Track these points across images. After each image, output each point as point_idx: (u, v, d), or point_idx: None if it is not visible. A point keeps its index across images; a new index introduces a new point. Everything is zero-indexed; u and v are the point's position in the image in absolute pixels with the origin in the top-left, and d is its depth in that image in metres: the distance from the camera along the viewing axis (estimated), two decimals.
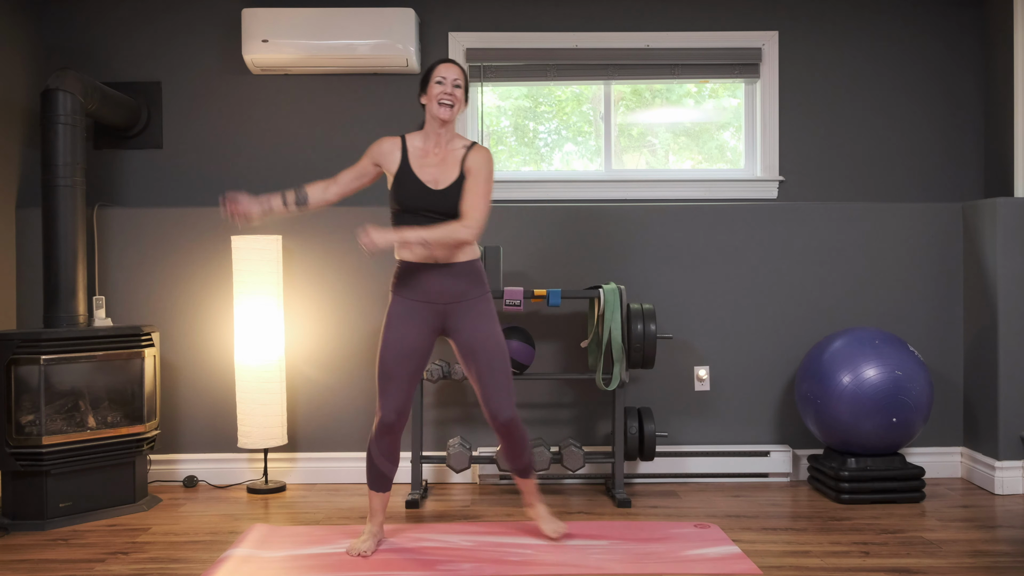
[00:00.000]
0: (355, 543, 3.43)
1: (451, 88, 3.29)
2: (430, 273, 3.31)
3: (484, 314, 3.35)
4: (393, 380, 3.30)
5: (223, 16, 4.71)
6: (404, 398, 3.32)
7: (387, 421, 3.32)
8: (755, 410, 4.58)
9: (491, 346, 3.33)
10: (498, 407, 3.34)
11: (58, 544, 3.61)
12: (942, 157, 4.79)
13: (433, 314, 3.33)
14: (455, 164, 3.32)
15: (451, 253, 3.30)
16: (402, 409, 3.32)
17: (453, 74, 3.31)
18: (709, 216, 4.58)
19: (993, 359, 4.28)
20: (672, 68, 4.77)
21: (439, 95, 3.29)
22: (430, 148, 3.35)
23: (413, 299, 3.32)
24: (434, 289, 3.31)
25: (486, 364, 3.33)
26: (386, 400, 3.31)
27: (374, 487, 3.44)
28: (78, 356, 3.97)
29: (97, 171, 4.68)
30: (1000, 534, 3.64)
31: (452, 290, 3.32)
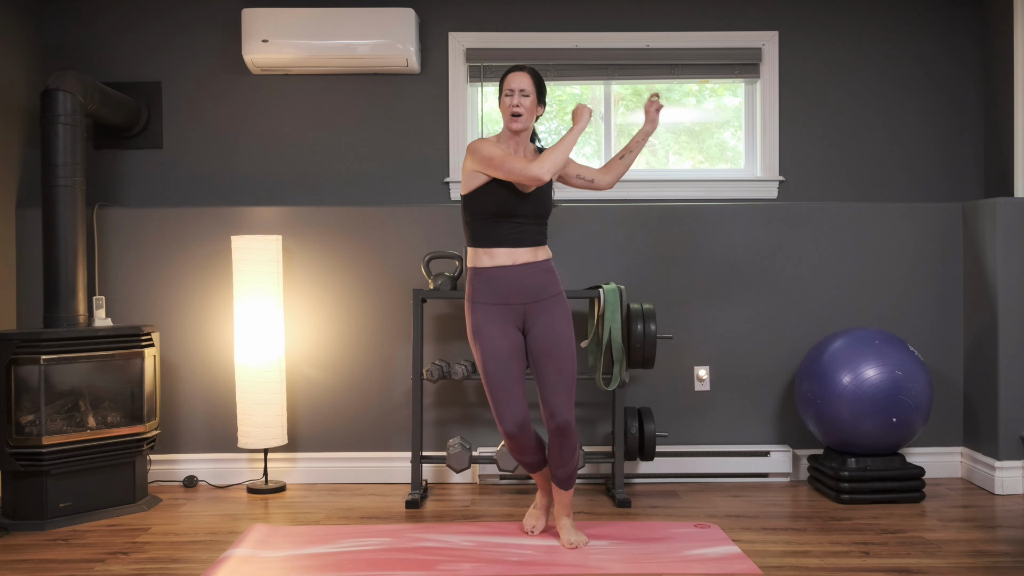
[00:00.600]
0: (526, 520, 3.66)
1: (519, 99, 3.31)
2: (506, 275, 3.33)
3: (559, 314, 3.38)
4: (506, 390, 3.32)
5: (223, 16, 4.71)
6: (520, 402, 3.34)
7: (512, 434, 3.36)
8: (755, 410, 4.58)
9: (562, 348, 3.36)
10: (557, 408, 3.35)
11: (58, 544, 3.61)
12: (942, 157, 4.79)
13: (514, 314, 3.36)
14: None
15: (528, 254, 3.35)
16: (522, 420, 3.34)
17: (521, 84, 3.31)
18: (709, 216, 4.58)
19: (993, 359, 4.28)
20: (672, 68, 4.77)
21: (508, 107, 3.32)
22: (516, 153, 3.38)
23: (495, 304, 3.34)
24: (512, 290, 3.34)
25: (555, 365, 3.35)
26: (503, 412, 3.33)
27: (530, 470, 3.55)
28: (78, 356, 3.97)
29: (97, 171, 4.68)
30: (1000, 534, 3.64)
31: (529, 290, 3.35)
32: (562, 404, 3.35)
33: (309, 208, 4.55)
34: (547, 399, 3.36)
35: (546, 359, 3.35)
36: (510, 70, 3.36)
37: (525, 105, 3.31)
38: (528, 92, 3.31)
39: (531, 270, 3.35)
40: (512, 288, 3.33)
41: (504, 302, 3.34)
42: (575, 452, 3.44)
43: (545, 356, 3.35)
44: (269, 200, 4.70)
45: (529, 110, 3.32)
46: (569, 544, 3.46)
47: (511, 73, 3.34)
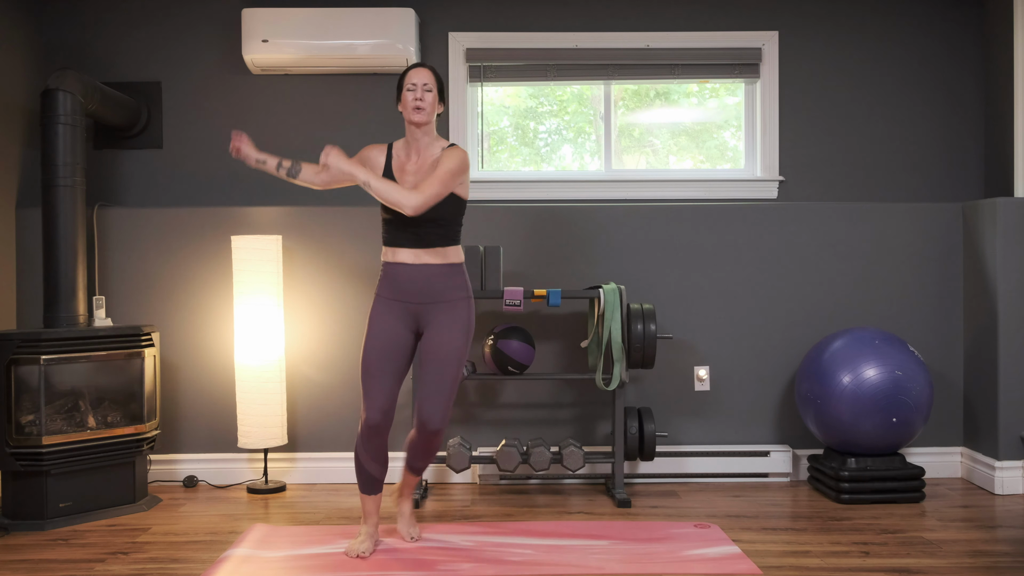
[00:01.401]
0: (353, 544, 3.43)
1: (421, 93, 3.31)
2: (409, 273, 3.33)
3: (453, 319, 3.34)
4: (376, 379, 3.32)
5: (223, 16, 4.71)
6: (389, 397, 3.33)
7: (372, 421, 3.32)
8: (755, 410, 4.58)
9: (446, 352, 3.32)
10: (431, 416, 3.32)
11: (58, 544, 3.61)
12: (942, 157, 4.79)
13: (409, 314, 3.36)
14: (433, 168, 3.33)
15: (431, 255, 3.33)
16: (387, 409, 3.33)
17: (423, 78, 3.32)
18: (709, 216, 4.58)
19: (993, 359, 4.28)
20: (672, 68, 4.77)
21: (411, 101, 3.31)
22: (410, 155, 3.39)
23: (392, 299, 3.36)
24: (411, 289, 3.34)
25: (435, 370, 3.32)
26: (371, 400, 3.32)
27: (365, 490, 3.45)
28: (78, 356, 3.97)
29: (97, 171, 4.68)
30: (1000, 534, 3.64)
31: (428, 291, 3.34)
32: (436, 412, 3.31)
33: (309, 208, 4.55)
34: (423, 405, 3.33)
35: (429, 362, 3.33)
36: (410, 67, 3.37)
37: (428, 100, 3.32)
38: (431, 87, 3.33)
39: (432, 271, 3.33)
40: (410, 287, 3.33)
41: (401, 299, 3.35)
42: (435, 453, 3.50)
43: (428, 359, 3.33)
44: (269, 200, 4.70)
45: (431, 104, 3.33)
46: (409, 536, 3.54)
47: (412, 69, 3.35)
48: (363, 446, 3.38)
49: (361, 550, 3.39)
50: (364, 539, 3.44)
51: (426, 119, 3.33)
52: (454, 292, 3.36)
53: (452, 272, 3.37)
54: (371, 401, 3.32)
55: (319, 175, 3.44)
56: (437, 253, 3.34)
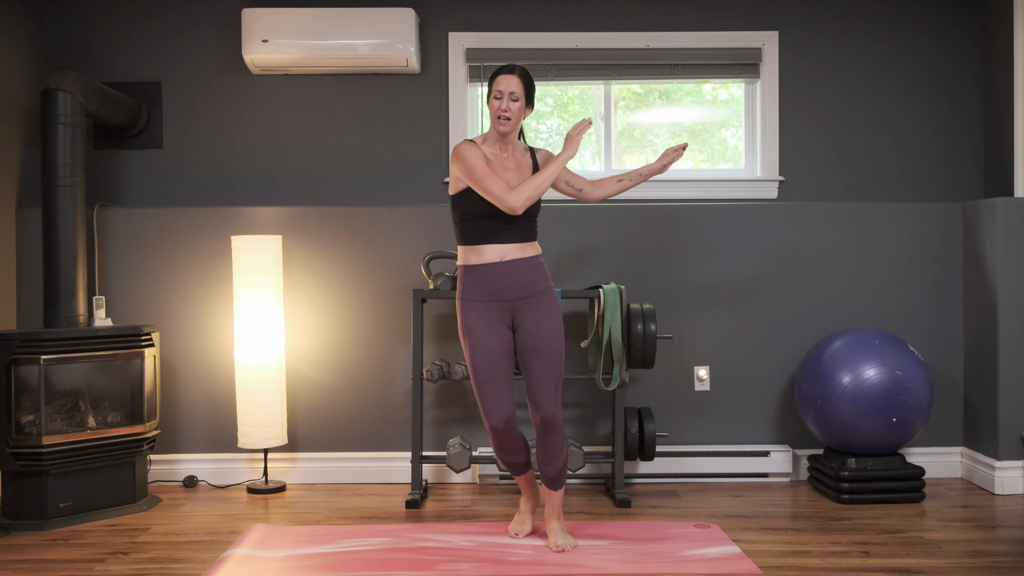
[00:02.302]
0: (512, 524, 3.64)
1: (507, 103, 3.30)
2: (495, 272, 3.35)
3: (548, 309, 3.39)
4: (491, 386, 3.34)
5: (223, 16, 4.71)
6: (508, 399, 3.35)
7: (498, 429, 3.36)
8: (755, 410, 4.58)
9: (550, 343, 3.37)
10: (542, 400, 3.36)
11: (58, 544, 3.61)
12: (942, 157, 4.79)
13: (503, 311, 3.38)
14: (527, 169, 3.41)
15: (517, 250, 3.36)
16: (508, 416, 3.34)
17: (511, 87, 3.30)
18: (709, 216, 4.58)
19: (993, 359, 4.28)
20: (672, 68, 4.77)
21: (497, 111, 3.31)
22: (500, 154, 3.40)
23: (484, 300, 3.36)
24: (501, 287, 3.35)
25: (541, 360, 3.36)
26: (490, 408, 3.34)
27: (514, 473, 3.55)
28: (78, 356, 3.97)
29: (97, 171, 4.68)
30: (1000, 534, 3.64)
31: (518, 286, 3.36)
32: (548, 397, 3.36)
33: (309, 208, 4.55)
34: (533, 392, 3.38)
35: (533, 353, 3.36)
36: (500, 71, 3.33)
37: (513, 110, 3.30)
38: (518, 96, 3.30)
39: (519, 266, 3.36)
40: (501, 285, 3.35)
41: (493, 299, 3.36)
42: (562, 449, 3.44)
43: (532, 351, 3.36)
44: (269, 200, 4.70)
45: (517, 114, 3.32)
46: (556, 547, 3.42)
47: (501, 75, 3.32)
48: (498, 449, 3.45)
49: (515, 531, 3.59)
50: (522, 519, 3.62)
51: (511, 129, 3.34)
52: (544, 283, 3.41)
53: (538, 264, 3.42)
54: (491, 409, 3.34)
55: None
56: (521, 248, 3.38)
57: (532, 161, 3.44)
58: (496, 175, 3.26)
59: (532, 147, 3.50)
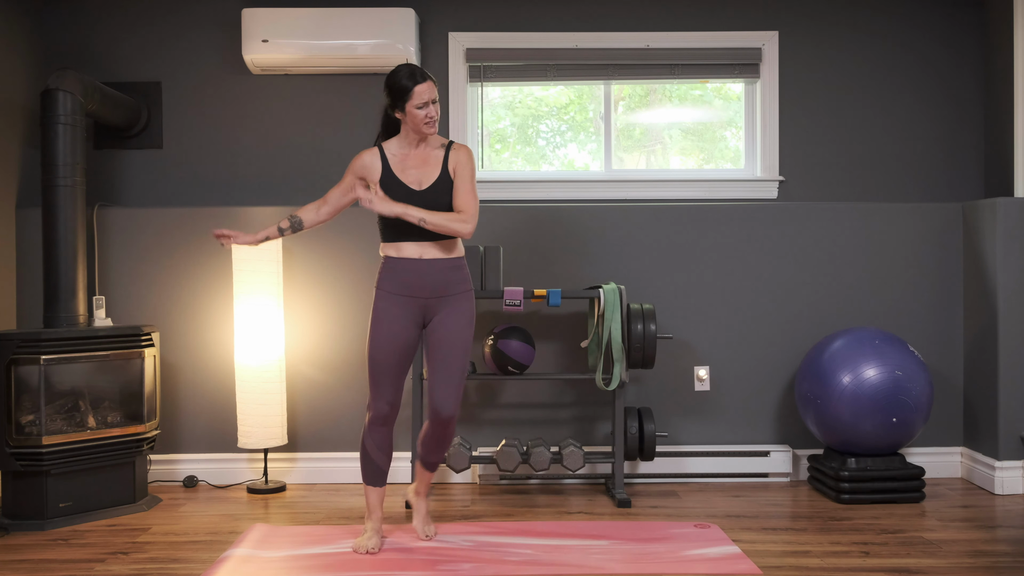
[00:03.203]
0: (361, 540, 3.46)
1: (434, 112, 3.34)
2: (415, 268, 3.38)
3: (460, 311, 3.43)
4: (384, 372, 3.39)
5: (223, 16, 4.71)
6: (395, 390, 3.42)
7: (381, 413, 3.41)
8: (755, 410, 4.58)
9: (455, 342, 3.41)
10: (443, 403, 3.40)
11: (58, 544, 3.61)
12: (942, 157, 4.79)
13: (417, 308, 3.41)
14: (436, 164, 3.42)
15: (437, 250, 3.39)
16: (394, 401, 3.42)
17: (432, 94, 3.32)
18: (709, 216, 4.58)
19: (993, 359, 4.28)
20: (672, 68, 4.77)
21: (425, 118, 3.33)
22: (409, 152, 3.43)
23: (398, 293, 3.40)
24: (418, 283, 3.38)
25: (444, 358, 3.40)
26: (378, 392, 3.40)
27: (370, 482, 3.50)
28: (78, 356, 3.97)
29: (97, 171, 4.68)
30: (1000, 534, 3.64)
31: (434, 285, 3.40)
32: (448, 399, 3.41)
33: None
34: (435, 391, 3.42)
35: (440, 352, 3.41)
36: (417, 81, 3.29)
37: (436, 112, 3.35)
38: (436, 98, 3.36)
39: (439, 266, 3.40)
40: (418, 281, 3.38)
41: (409, 294, 3.39)
42: (450, 442, 3.57)
43: (439, 349, 3.41)
44: (269, 200, 4.70)
45: (438, 115, 3.38)
46: (424, 535, 3.56)
47: (419, 85, 3.29)
48: (369, 436, 3.45)
49: (370, 546, 3.43)
50: (371, 535, 3.48)
51: (435, 131, 3.40)
52: (460, 285, 3.44)
53: (457, 266, 3.44)
54: (379, 393, 3.40)
55: (320, 210, 3.55)
56: (442, 247, 3.41)
57: (445, 155, 3.42)
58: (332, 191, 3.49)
59: (453, 142, 3.48)
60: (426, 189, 3.37)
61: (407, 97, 3.31)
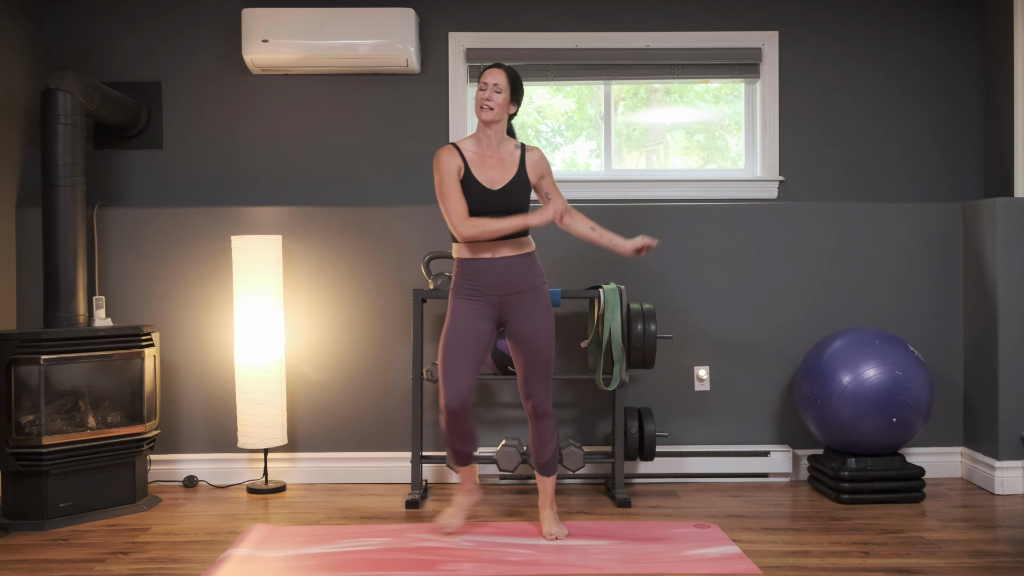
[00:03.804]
0: (444, 516, 3.67)
1: (491, 93, 3.43)
2: (489, 267, 3.44)
3: (539, 306, 3.49)
4: (455, 369, 3.43)
5: (223, 16, 4.71)
6: (467, 385, 3.43)
7: (451, 409, 3.45)
8: (755, 410, 4.58)
9: (541, 339, 3.48)
10: (533, 391, 3.50)
11: (58, 544, 3.61)
12: (942, 157, 4.79)
13: (491, 306, 3.47)
14: (512, 165, 3.49)
15: (509, 248, 3.44)
16: (464, 397, 3.44)
17: (495, 79, 3.44)
18: (709, 216, 4.58)
19: (993, 359, 4.28)
20: (672, 68, 4.77)
21: (480, 101, 3.44)
22: (485, 151, 3.49)
23: (472, 295, 3.45)
24: (493, 282, 3.44)
25: (533, 354, 3.48)
26: (449, 388, 3.44)
27: (458, 463, 3.63)
28: (78, 356, 3.97)
29: (97, 171, 4.68)
30: (1000, 534, 3.64)
31: (510, 282, 3.45)
32: (538, 388, 3.50)
33: (309, 208, 4.55)
34: (525, 383, 3.51)
35: (523, 348, 3.48)
36: (486, 67, 3.49)
37: (496, 100, 3.43)
38: (501, 88, 3.44)
39: (511, 263, 3.45)
40: (492, 281, 3.44)
41: (484, 294, 3.45)
42: (554, 434, 3.60)
43: (523, 344, 3.48)
44: (269, 200, 4.70)
45: (501, 105, 3.44)
46: (549, 535, 3.56)
47: (488, 70, 3.48)
48: (447, 430, 3.52)
49: (448, 524, 3.62)
50: (455, 512, 3.67)
51: (493, 118, 3.44)
52: (535, 279, 3.50)
53: (530, 261, 3.50)
54: (449, 389, 3.44)
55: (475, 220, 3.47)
56: (513, 244, 3.46)
57: (521, 157, 3.50)
58: (458, 196, 3.40)
59: (524, 144, 3.56)
60: (500, 189, 3.43)
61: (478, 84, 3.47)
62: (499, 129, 3.49)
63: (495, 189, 3.43)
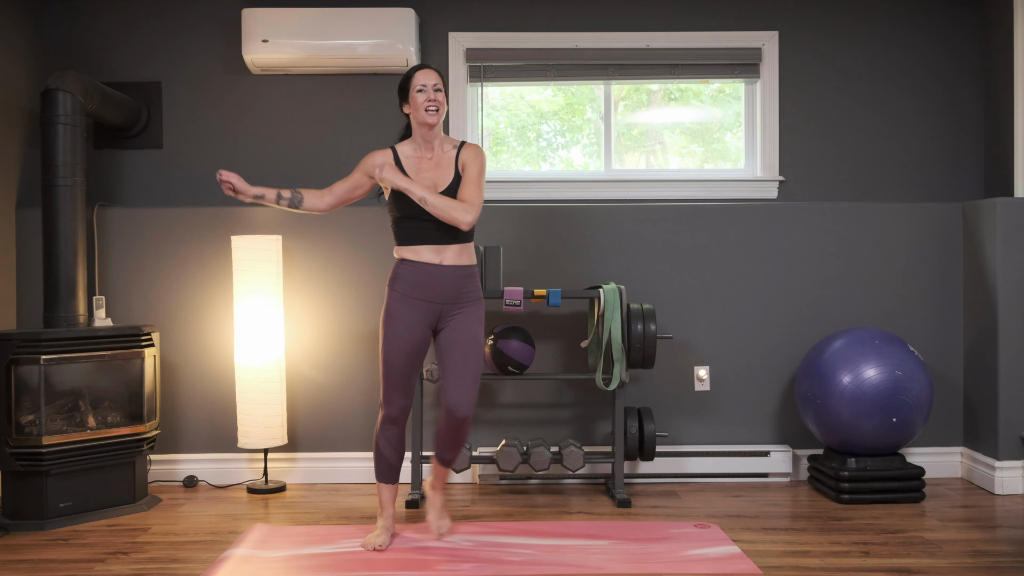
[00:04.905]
0: (370, 537, 3.50)
1: (433, 94, 3.36)
2: (432, 273, 3.39)
3: (473, 316, 3.46)
4: (397, 374, 3.42)
5: (223, 16, 4.71)
6: (407, 391, 3.45)
7: (393, 414, 3.45)
8: (755, 410, 4.58)
9: (470, 344, 3.43)
10: (459, 402, 3.40)
11: (58, 544, 3.61)
12: (942, 157, 4.79)
13: (430, 312, 3.42)
14: (450, 165, 3.43)
15: (454, 256, 3.40)
16: (405, 402, 3.46)
17: (433, 79, 3.38)
18: (709, 216, 4.58)
19: (993, 359, 4.28)
20: (672, 68, 4.77)
21: (424, 103, 3.36)
22: (423, 154, 3.45)
23: (413, 297, 3.40)
24: (435, 289, 3.39)
25: (460, 359, 3.41)
26: (390, 395, 3.43)
27: (382, 479, 3.54)
28: (78, 356, 3.97)
29: (97, 171, 4.68)
30: (1000, 534, 3.64)
31: (450, 291, 3.41)
32: (463, 399, 3.41)
33: None
34: (450, 393, 3.42)
35: (452, 352, 3.43)
36: (415, 69, 3.40)
37: (440, 100, 3.37)
38: (440, 87, 3.38)
39: (457, 273, 3.41)
40: (436, 288, 3.39)
41: (423, 298, 3.40)
42: (464, 442, 3.60)
43: (451, 349, 3.43)
44: None
45: (443, 104, 3.38)
46: (437, 530, 3.57)
47: (419, 71, 3.39)
48: (382, 435, 3.49)
49: (378, 543, 3.46)
50: (380, 532, 3.51)
51: (439, 120, 3.39)
52: (473, 294, 3.48)
53: (471, 274, 3.47)
54: (391, 395, 3.43)
55: (323, 199, 3.53)
56: (458, 253, 3.42)
57: (456, 155, 3.43)
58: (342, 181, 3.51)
59: (464, 142, 3.49)
60: (441, 193, 3.36)
61: (408, 85, 3.39)
62: (438, 130, 3.44)
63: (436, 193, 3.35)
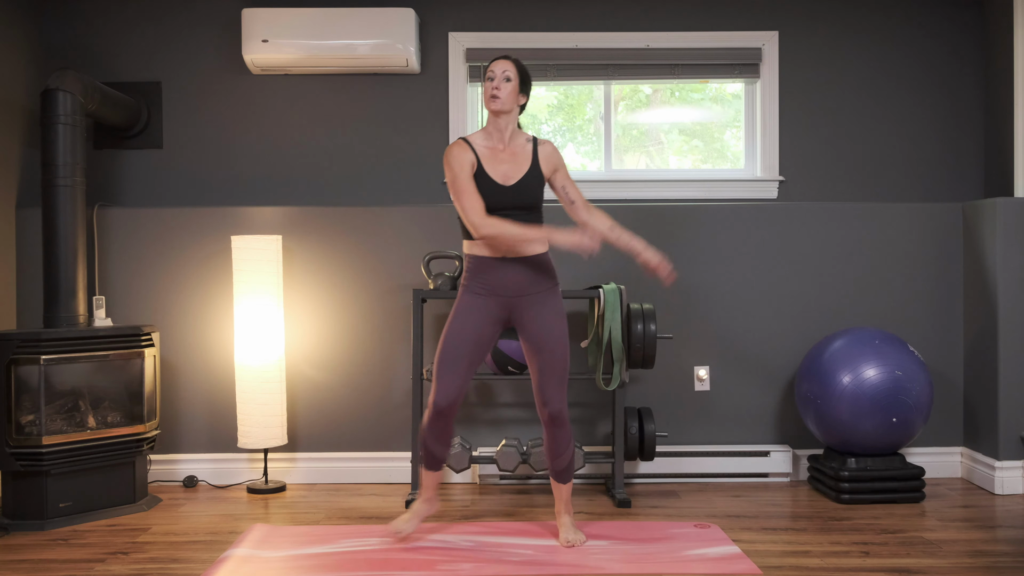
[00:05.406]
0: (398, 521, 3.56)
1: (499, 82, 3.35)
2: (502, 267, 3.37)
3: (551, 308, 3.42)
4: (451, 368, 3.36)
5: (223, 16, 4.71)
6: (460, 386, 3.38)
7: (440, 407, 3.38)
8: (755, 410, 4.58)
9: (553, 341, 3.39)
10: (549, 397, 3.40)
11: (58, 544, 3.61)
12: (942, 157, 4.79)
13: (500, 306, 3.40)
14: (525, 159, 3.41)
15: (523, 247, 3.36)
16: (455, 397, 3.38)
17: (502, 67, 3.37)
18: (709, 216, 4.58)
19: (993, 359, 4.28)
20: (672, 68, 4.77)
21: (488, 90, 3.36)
22: (496, 145, 3.41)
23: (482, 293, 3.38)
24: (505, 282, 3.37)
25: (548, 358, 3.39)
26: (442, 386, 3.37)
27: (429, 466, 3.54)
28: (78, 356, 3.97)
29: (97, 171, 4.68)
30: (1000, 534, 3.64)
31: (522, 283, 3.38)
32: (554, 394, 3.40)
33: (309, 208, 4.55)
34: (540, 389, 3.42)
35: (538, 351, 3.40)
36: (495, 58, 3.42)
37: (505, 89, 3.35)
38: (510, 76, 3.36)
39: (525, 263, 3.38)
40: (503, 280, 3.37)
41: (494, 293, 3.38)
42: (569, 443, 3.49)
43: (537, 348, 3.40)
44: (269, 200, 4.70)
45: (509, 94, 3.35)
46: (566, 542, 3.47)
47: (495, 60, 3.41)
48: (429, 429, 3.45)
49: (401, 528, 3.52)
50: (410, 518, 3.55)
51: (502, 107, 3.36)
52: (547, 280, 3.43)
53: (543, 261, 3.43)
54: (442, 387, 3.37)
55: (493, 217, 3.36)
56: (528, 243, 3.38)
57: (533, 151, 3.43)
58: (474, 192, 3.30)
59: (536, 138, 3.48)
60: (514, 184, 3.35)
61: (485, 72, 3.40)
62: (509, 121, 3.40)
63: (508, 185, 3.34)
